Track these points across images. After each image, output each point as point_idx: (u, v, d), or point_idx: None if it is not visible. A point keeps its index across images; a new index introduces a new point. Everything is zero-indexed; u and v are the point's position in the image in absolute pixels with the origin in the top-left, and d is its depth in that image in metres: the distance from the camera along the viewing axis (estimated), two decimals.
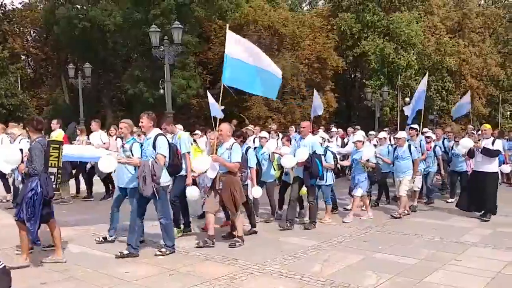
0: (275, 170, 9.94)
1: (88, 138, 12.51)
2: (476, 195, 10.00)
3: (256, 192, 8.47)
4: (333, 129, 18.20)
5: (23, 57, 42.20)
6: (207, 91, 13.65)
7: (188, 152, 8.21)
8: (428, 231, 8.75)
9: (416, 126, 11.97)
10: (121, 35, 34.39)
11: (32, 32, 43.95)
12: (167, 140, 7.23)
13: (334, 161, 9.88)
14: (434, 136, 12.68)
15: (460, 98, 20.84)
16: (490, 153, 9.76)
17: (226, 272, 6.24)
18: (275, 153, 9.79)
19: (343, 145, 15.65)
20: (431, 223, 9.49)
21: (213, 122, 11.19)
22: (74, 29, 33.89)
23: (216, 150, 7.88)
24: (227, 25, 8.85)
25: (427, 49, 37.42)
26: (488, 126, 10.42)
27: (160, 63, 22.46)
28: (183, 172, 8.02)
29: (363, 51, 36.81)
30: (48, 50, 41.39)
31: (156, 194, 6.78)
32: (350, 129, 17.92)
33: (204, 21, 34.37)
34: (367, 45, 36.39)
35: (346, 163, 11.44)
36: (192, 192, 7.90)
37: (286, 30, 33.64)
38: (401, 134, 10.80)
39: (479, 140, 10.25)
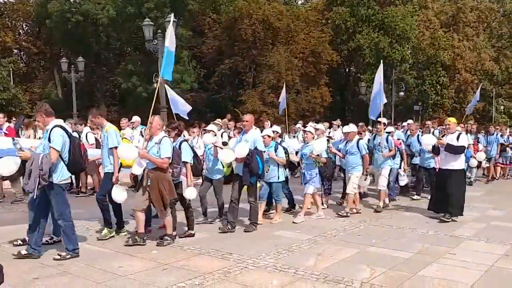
0: (223, 167, 8.98)
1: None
2: (442, 194, 9.26)
3: (189, 193, 7.84)
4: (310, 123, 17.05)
5: (15, 51, 41.83)
6: (166, 86, 13.12)
7: (116, 147, 7.41)
8: (422, 225, 8.78)
9: (384, 120, 11.14)
10: (114, 29, 34.24)
11: (24, 26, 43.58)
12: (68, 133, 6.64)
13: (287, 156, 9.20)
14: (393, 129, 12.00)
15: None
16: (454, 150, 9.04)
17: (220, 266, 6.22)
18: (216, 146, 8.83)
19: None
20: (425, 217, 9.49)
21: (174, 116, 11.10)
22: (67, 23, 33.65)
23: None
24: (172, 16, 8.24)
25: (421, 43, 37.47)
26: (452, 120, 9.56)
27: (154, 57, 22.33)
28: (110, 169, 7.50)
29: (357, 45, 36.83)
30: (40, 44, 41.08)
31: (42, 191, 6.26)
32: (335, 123, 17.19)
33: (198, 14, 34.26)
34: (362, 39, 36.40)
35: (295, 158, 10.18)
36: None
37: (281, 24, 33.60)
38: (350, 128, 10.11)
39: (443, 136, 9.56)
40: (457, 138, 9.10)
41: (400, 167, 11.59)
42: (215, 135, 9.35)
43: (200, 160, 8.78)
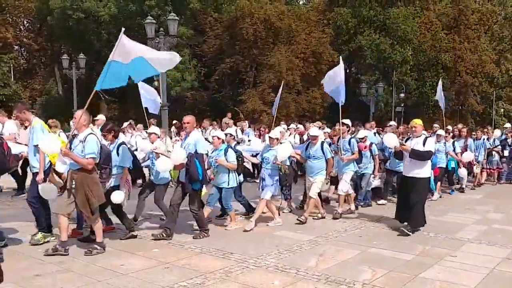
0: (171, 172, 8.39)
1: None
2: (404, 203, 8.47)
3: (116, 197, 7.23)
4: (292, 125, 16.16)
5: (16, 47, 41.86)
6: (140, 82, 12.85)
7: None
8: (423, 227, 8.75)
9: (348, 121, 10.30)
10: (115, 26, 34.14)
11: (25, 22, 43.59)
12: None
13: (239, 160, 8.47)
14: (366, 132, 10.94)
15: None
16: (420, 156, 8.13)
17: (222, 265, 6.22)
18: (155, 152, 8.46)
19: (302, 142, 13.60)
20: (427, 219, 9.46)
21: (145, 115, 11.02)
22: (68, 20, 33.69)
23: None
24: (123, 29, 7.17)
25: (422, 45, 37.43)
26: (418, 121, 8.55)
27: None
28: (37, 168, 7.02)
29: (359, 46, 36.73)
30: (41, 40, 41.10)
31: None
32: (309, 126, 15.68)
33: (199, 13, 34.23)
34: (363, 40, 36.31)
35: (254, 160, 9.63)
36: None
37: (282, 23, 33.55)
38: (314, 131, 9.56)
39: (407, 140, 8.79)
40: (424, 143, 8.23)
41: (373, 173, 10.78)
42: (158, 136, 9.03)
43: (139, 163, 8.18)
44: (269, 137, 8.95)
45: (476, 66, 40.89)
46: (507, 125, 16.65)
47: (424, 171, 8.27)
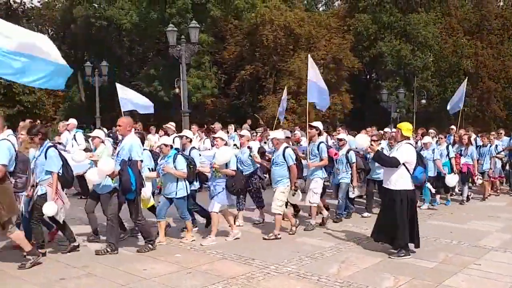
0: (112, 179, 7.45)
1: None
2: (383, 219, 7.52)
3: (47, 209, 6.54)
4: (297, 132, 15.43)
5: None
6: (116, 83, 12.96)
7: None
8: (445, 234, 8.66)
9: (318, 124, 9.50)
10: (137, 34, 34.64)
11: (49, 31, 44.34)
12: None
13: (191, 168, 7.72)
14: (346, 138, 10.34)
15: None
16: (382, 161, 7.40)
17: (243, 271, 6.25)
18: (91, 159, 7.78)
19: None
20: (448, 226, 9.38)
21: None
22: (91, 28, 34.25)
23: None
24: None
25: (444, 51, 37.11)
26: (402, 125, 7.51)
27: (176, 62, 22.55)
28: None
29: (379, 52, 36.56)
30: (65, 48, 41.71)
31: None
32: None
33: (220, 20, 34.45)
34: (384, 46, 36.13)
35: (205, 169, 8.41)
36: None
37: (302, 30, 33.56)
38: (276, 133, 8.83)
39: (378, 141, 8.40)
40: (397, 149, 7.33)
41: (351, 182, 9.87)
42: (103, 141, 8.21)
43: (70, 169, 7.15)
44: (213, 137, 8.61)
45: (500, 71, 40.39)
46: None
47: (397, 181, 7.15)
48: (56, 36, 43.56)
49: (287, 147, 8.42)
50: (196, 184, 8.48)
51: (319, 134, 9.26)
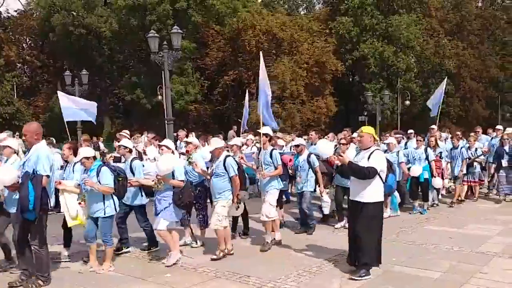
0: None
1: None
2: (352, 233, 6.72)
3: None
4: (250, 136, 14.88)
5: (19, 65, 41.76)
6: (58, 92, 12.52)
7: None
8: (445, 240, 8.37)
9: (268, 130, 8.37)
10: (117, 42, 34.14)
11: (27, 40, 43.53)
12: None
13: (119, 180, 6.84)
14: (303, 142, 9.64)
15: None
16: (355, 172, 6.40)
17: None
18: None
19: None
20: (446, 231, 9.10)
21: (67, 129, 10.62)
22: (70, 36, 33.66)
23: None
24: None
25: (425, 52, 37.21)
26: (366, 129, 6.71)
27: (157, 69, 22.10)
28: None
29: (362, 55, 36.51)
30: (44, 57, 41.01)
31: None
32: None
33: (201, 26, 34.09)
34: (366, 48, 36.10)
35: (149, 182, 7.45)
36: None
37: (284, 34, 33.33)
38: (216, 142, 7.72)
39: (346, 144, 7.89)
40: (368, 157, 6.41)
41: (315, 190, 9.32)
42: (15, 152, 6.89)
43: None
44: (159, 145, 7.78)
45: (481, 71, 40.69)
46: (509, 129, 14.14)
47: (371, 193, 6.36)
48: (35, 46, 42.80)
49: (228, 155, 7.54)
50: (143, 199, 7.71)
51: (270, 140, 8.34)
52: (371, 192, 6.34)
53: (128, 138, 11.79)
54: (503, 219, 10.37)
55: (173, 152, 7.66)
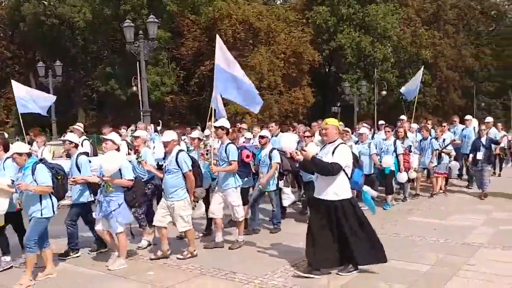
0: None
1: None
2: (325, 239, 6.07)
3: None
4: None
5: None
6: (12, 81, 12.18)
7: None
8: (430, 232, 8.29)
9: (224, 122, 7.70)
10: (91, 32, 33.44)
11: None
12: None
13: (58, 178, 6.24)
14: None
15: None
16: (319, 169, 5.95)
17: None
18: None
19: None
20: (431, 223, 9.02)
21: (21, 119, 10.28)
22: (41, 26, 32.85)
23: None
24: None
25: (402, 42, 37.37)
26: (331, 121, 6.24)
27: (132, 59, 21.69)
28: None
29: (339, 45, 36.50)
30: (14, 48, 39.94)
31: None
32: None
33: (176, 15, 33.61)
34: (343, 38, 36.12)
35: (94, 178, 6.97)
36: None
37: (261, 24, 33.11)
38: (168, 135, 7.04)
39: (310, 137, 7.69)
40: (333, 152, 5.96)
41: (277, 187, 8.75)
42: None
43: None
44: (104, 139, 7.06)
45: (457, 60, 41.11)
46: (489, 119, 14.02)
47: (336, 190, 5.94)
48: (4, 36, 41.66)
49: (180, 150, 6.95)
50: (89, 196, 7.13)
51: (227, 134, 7.62)
52: (335, 189, 5.92)
53: (82, 132, 11.46)
54: (485, 208, 10.38)
55: (118, 148, 6.99)
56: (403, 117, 14.55)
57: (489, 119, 13.85)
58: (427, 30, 38.97)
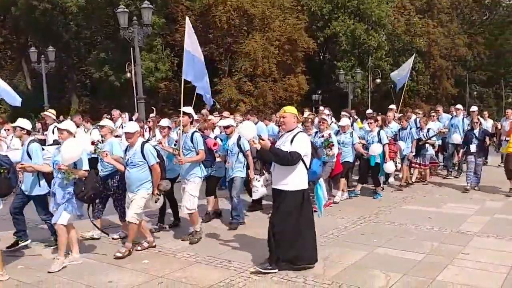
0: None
1: None
2: (280, 229, 5.80)
3: None
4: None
5: None
6: None
7: None
8: (425, 220, 8.33)
9: (190, 109, 7.37)
10: (84, 17, 33.06)
11: None
12: None
13: (1, 172, 5.78)
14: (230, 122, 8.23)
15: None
16: (277, 158, 5.68)
17: (221, 277, 5.62)
18: None
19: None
20: (425, 211, 9.06)
21: None
22: (34, 11, 32.38)
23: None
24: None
25: (397, 30, 37.27)
26: (289, 109, 6.02)
27: (126, 45, 21.48)
28: None
29: (333, 32, 36.31)
30: (6, 33, 39.44)
31: None
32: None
33: (170, 1, 33.29)
34: (338, 26, 35.89)
35: (45, 168, 6.65)
36: None
37: (256, 10, 32.80)
38: (132, 126, 6.80)
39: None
40: (292, 140, 5.74)
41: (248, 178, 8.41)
42: None
43: None
44: (58, 129, 6.52)
45: (450, 49, 41.07)
46: (474, 108, 13.63)
47: (294, 181, 5.72)
48: None
49: (145, 142, 6.75)
50: (43, 188, 6.68)
51: (191, 122, 7.32)
52: (293, 180, 5.69)
53: (54, 119, 11.17)
54: (477, 197, 10.47)
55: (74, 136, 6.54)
56: (392, 106, 14.54)
57: (474, 108, 13.60)
58: (421, 19, 38.83)
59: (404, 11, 39.30)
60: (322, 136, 9.49)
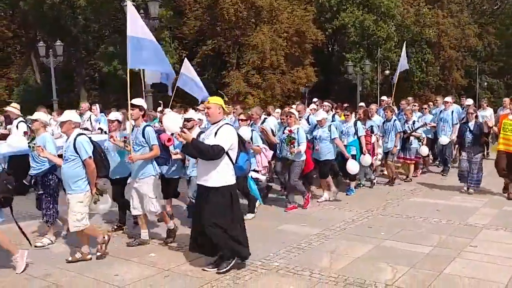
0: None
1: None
2: (198, 225, 5.67)
3: None
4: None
5: None
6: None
7: None
8: (432, 212, 8.28)
9: (141, 102, 6.77)
10: (92, 11, 33.09)
11: None
12: None
13: None
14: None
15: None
16: (198, 152, 5.42)
17: None
18: None
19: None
20: (433, 204, 9.00)
21: None
22: (42, 6, 32.45)
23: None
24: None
25: (406, 21, 36.98)
26: (214, 100, 5.76)
27: None
28: None
29: (342, 24, 36.09)
30: (15, 27, 39.60)
31: None
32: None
33: None
34: (346, 17, 35.68)
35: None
36: None
37: (263, 2, 32.65)
38: (66, 115, 6.22)
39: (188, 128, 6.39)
40: (216, 133, 5.47)
41: None
42: None
43: None
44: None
45: (460, 40, 40.70)
46: (469, 101, 13.22)
47: (218, 176, 5.42)
48: (4, 15, 41.30)
49: (80, 134, 6.10)
50: None
51: (143, 115, 6.68)
52: (217, 175, 5.40)
53: (18, 114, 10.40)
54: (487, 189, 10.28)
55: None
56: (384, 98, 14.49)
57: (469, 101, 13.04)
58: (431, 9, 38.49)
59: (414, 2, 39.01)
60: (290, 131, 8.58)
